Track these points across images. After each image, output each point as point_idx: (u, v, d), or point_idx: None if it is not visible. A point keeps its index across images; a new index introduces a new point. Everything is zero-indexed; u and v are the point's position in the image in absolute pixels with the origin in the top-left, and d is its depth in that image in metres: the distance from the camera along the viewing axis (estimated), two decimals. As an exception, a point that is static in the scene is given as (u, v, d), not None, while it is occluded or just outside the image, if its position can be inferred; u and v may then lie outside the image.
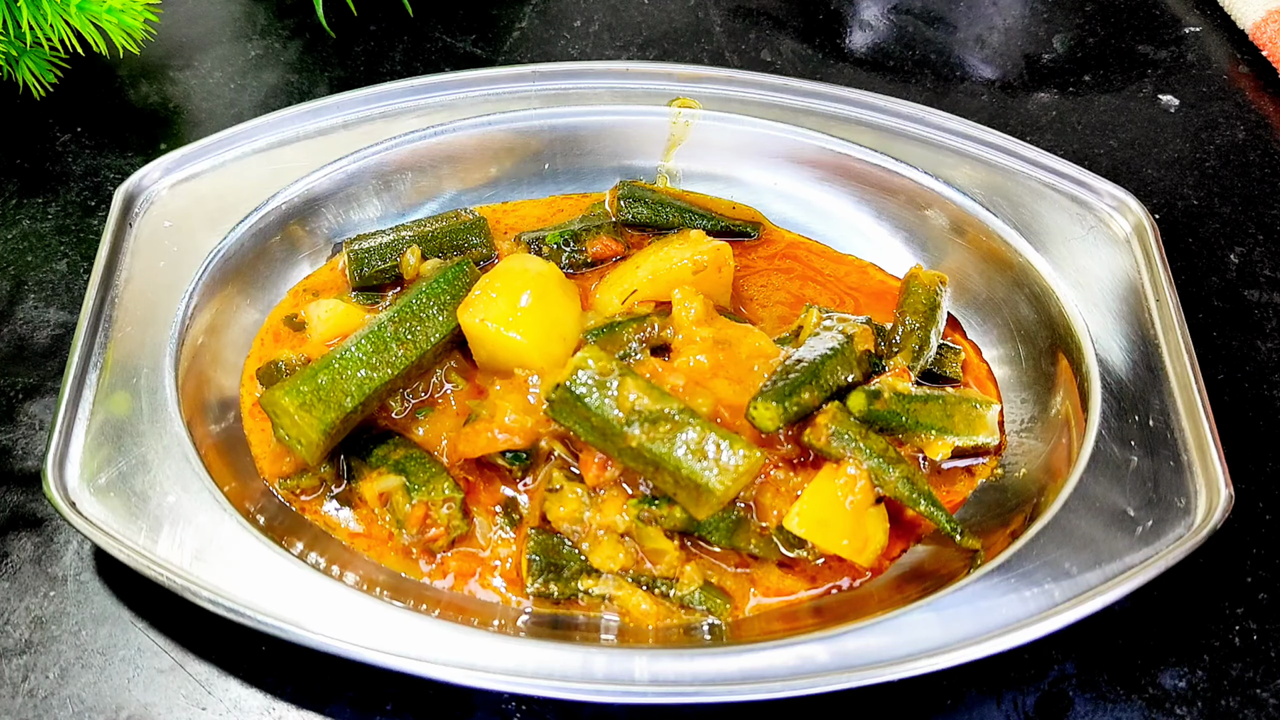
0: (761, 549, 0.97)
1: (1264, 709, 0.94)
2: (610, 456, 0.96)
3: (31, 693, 0.93)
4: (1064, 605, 0.89)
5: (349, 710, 0.92)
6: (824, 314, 1.08)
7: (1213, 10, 1.56)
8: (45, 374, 1.13)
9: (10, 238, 1.25)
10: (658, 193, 1.24)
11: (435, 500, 0.98)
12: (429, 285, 1.07)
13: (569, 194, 1.26)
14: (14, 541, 1.01)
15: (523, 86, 1.27)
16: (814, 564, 0.98)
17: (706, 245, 1.13)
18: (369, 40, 1.49)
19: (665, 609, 0.95)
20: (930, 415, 1.02)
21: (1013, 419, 1.09)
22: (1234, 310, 1.21)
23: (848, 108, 1.25)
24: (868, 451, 0.96)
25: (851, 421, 0.98)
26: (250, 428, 1.06)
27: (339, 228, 1.20)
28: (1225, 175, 1.35)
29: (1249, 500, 1.06)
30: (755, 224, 1.23)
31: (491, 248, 1.19)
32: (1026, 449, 1.06)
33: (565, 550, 0.97)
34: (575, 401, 0.94)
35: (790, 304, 1.17)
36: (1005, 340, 1.14)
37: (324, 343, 1.11)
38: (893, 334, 1.09)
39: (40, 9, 1.28)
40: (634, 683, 0.86)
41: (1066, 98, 1.44)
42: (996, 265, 1.16)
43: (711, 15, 1.54)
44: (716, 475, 0.91)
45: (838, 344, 1.02)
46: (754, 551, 0.97)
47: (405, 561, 0.98)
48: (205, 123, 1.39)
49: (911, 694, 0.93)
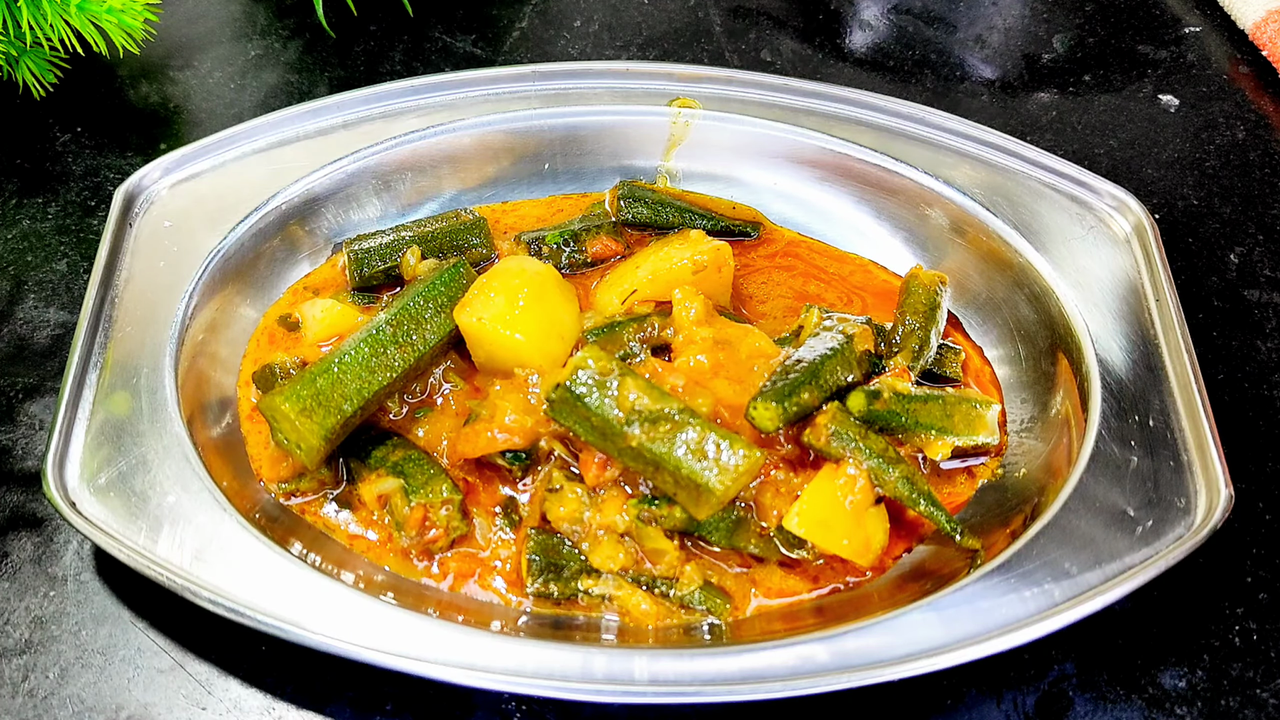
0: (762, 549, 0.97)
1: (1264, 709, 0.94)
2: (610, 457, 0.96)
3: (31, 693, 0.93)
4: (1064, 605, 0.89)
5: (349, 710, 0.92)
6: (824, 314, 1.08)
7: (1213, 10, 1.56)
8: (45, 374, 1.13)
9: (10, 238, 1.25)
10: (658, 193, 1.24)
11: (434, 502, 0.98)
12: (425, 287, 1.07)
13: (569, 194, 1.26)
14: (14, 541, 1.01)
15: (523, 86, 1.27)
16: (815, 564, 0.98)
17: (706, 245, 1.13)
18: (369, 40, 1.49)
19: (665, 609, 0.95)
20: (930, 415, 1.02)
21: (1013, 419, 1.09)
22: (1234, 310, 1.21)
23: (848, 108, 1.25)
24: (867, 451, 0.96)
25: (851, 422, 0.98)
26: (248, 430, 1.06)
27: (339, 228, 1.20)
28: (1225, 175, 1.35)
29: (1249, 500, 1.06)
30: (755, 224, 1.23)
31: (491, 248, 1.19)
32: (1026, 449, 1.06)
33: (565, 550, 0.98)
34: (575, 401, 0.94)
35: (792, 300, 1.17)
36: (1005, 340, 1.14)
37: (318, 343, 1.11)
38: (892, 334, 1.09)
39: (40, 9, 1.28)
40: (634, 683, 0.86)
41: (1066, 98, 1.44)
42: (996, 265, 1.16)
43: (711, 15, 1.54)
44: (716, 475, 0.91)
45: (837, 344, 1.02)
46: (754, 551, 0.97)
47: (404, 563, 0.98)
48: (205, 123, 1.39)
49: (911, 694, 0.93)
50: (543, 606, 0.97)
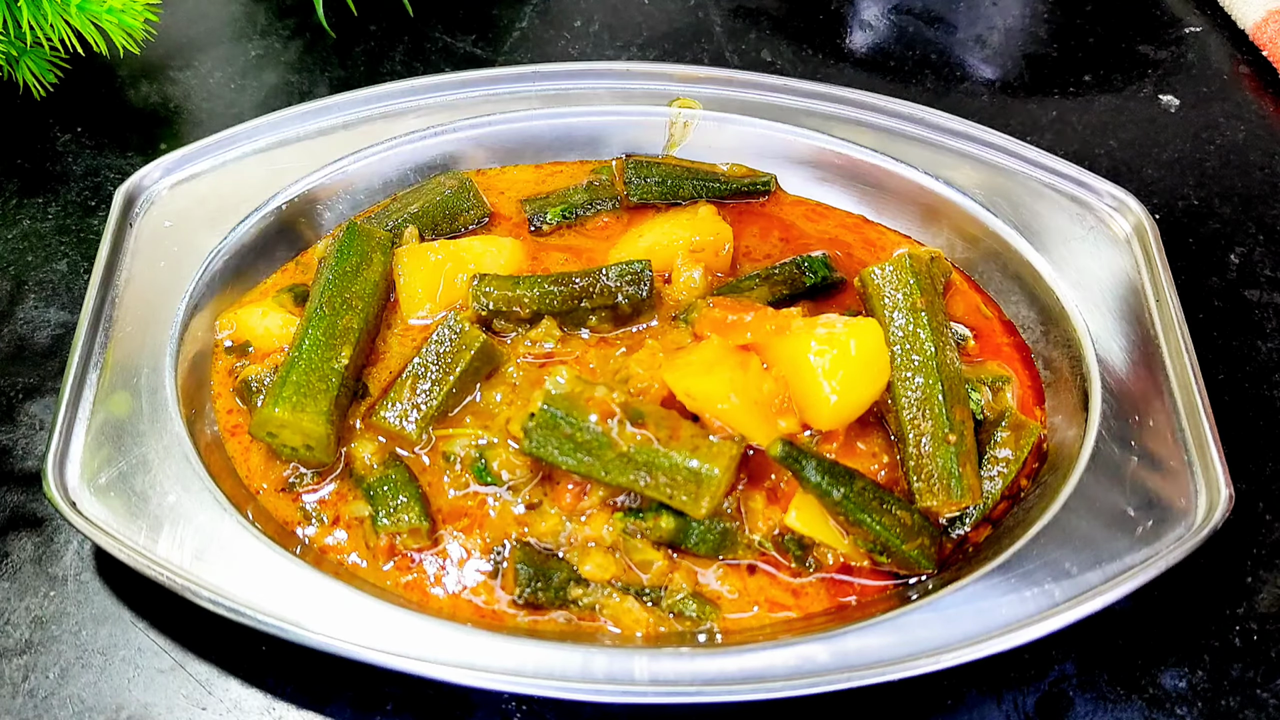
0: (750, 558, 0.97)
1: (1264, 709, 0.94)
2: (592, 479, 0.95)
3: (32, 693, 0.93)
4: (1064, 605, 0.89)
5: (349, 710, 0.92)
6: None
7: (1213, 10, 1.56)
8: (45, 374, 1.13)
9: (10, 238, 1.25)
10: (664, 165, 1.23)
11: (401, 530, 0.97)
12: (336, 260, 1.08)
13: (560, 161, 1.26)
14: (14, 541, 1.01)
15: (523, 86, 1.27)
16: (810, 575, 0.97)
17: (709, 227, 1.14)
18: (369, 40, 1.49)
19: (656, 617, 0.94)
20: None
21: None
22: (1234, 310, 1.21)
23: (848, 108, 1.25)
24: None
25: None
26: (233, 451, 1.03)
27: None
28: (1225, 175, 1.35)
29: (1249, 500, 1.06)
30: (766, 181, 1.23)
31: (484, 209, 1.20)
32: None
33: (553, 561, 0.96)
34: (555, 422, 0.94)
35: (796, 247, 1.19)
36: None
37: (279, 350, 1.08)
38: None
39: (40, 9, 1.28)
40: (634, 683, 0.86)
41: (1066, 98, 1.44)
42: (997, 265, 1.16)
43: (711, 15, 1.54)
44: (710, 462, 0.92)
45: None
46: (740, 558, 0.97)
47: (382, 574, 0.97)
48: (205, 123, 1.39)
49: (911, 694, 0.93)
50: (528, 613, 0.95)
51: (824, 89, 1.25)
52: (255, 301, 1.12)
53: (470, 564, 0.97)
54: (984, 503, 0.99)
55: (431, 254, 1.11)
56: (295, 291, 1.12)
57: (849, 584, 0.96)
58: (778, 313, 1.01)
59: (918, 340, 1.03)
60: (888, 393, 1.02)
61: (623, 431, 0.93)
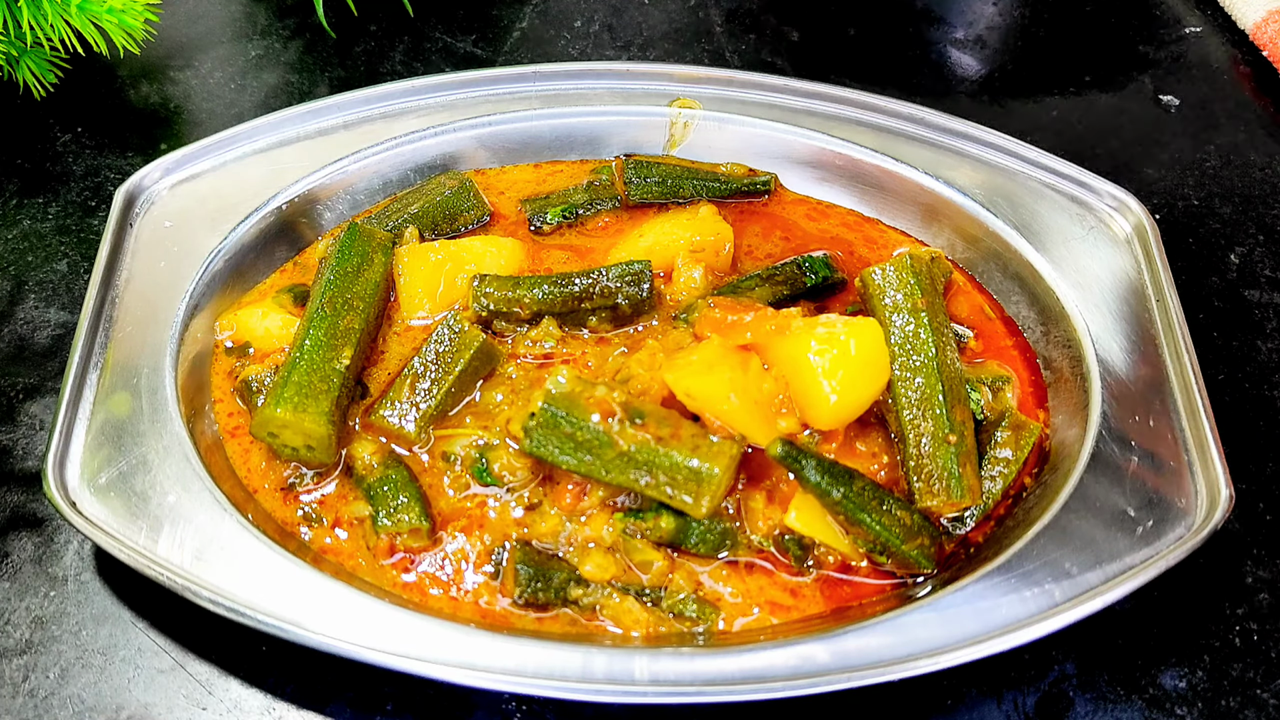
0: (749, 556, 0.97)
1: (1264, 709, 0.94)
2: (593, 477, 0.95)
3: (32, 693, 0.93)
4: (1064, 605, 0.89)
5: (349, 710, 0.92)
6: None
7: (1213, 10, 1.56)
8: (45, 374, 1.13)
9: (10, 238, 1.25)
10: (665, 164, 1.23)
11: (401, 530, 0.97)
12: (336, 260, 1.08)
13: (558, 160, 1.26)
14: (14, 541, 1.01)
15: (523, 86, 1.27)
16: (810, 575, 0.97)
17: (709, 227, 1.14)
18: (369, 40, 1.49)
19: (656, 617, 0.94)
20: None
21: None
22: (1234, 310, 1.21)
23: (848, 108, 1.25)
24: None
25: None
26: (233, 452, 1.03)
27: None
28: (1225, 175, 1.35)
29: (1249, 500, 1.06)
30: (766, 181, 1.23)
31: (484, 208, 1.20)
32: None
33: (553, 561, 0.97)
34: (556, 421, 0.94)
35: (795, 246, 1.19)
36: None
37: (279, 350, 1.08)
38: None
39: (40, 9, 1.28)
40: (634, 683, 0.86)
41: (1066, 98, 1.44)
42: (997, 265, 1.16)
43: (711, 15, 1.54)
44: (710, 462, 0.91)
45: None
46: (740, 558, 0.97)
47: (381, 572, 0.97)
48: (205, 123, 1.39)
49: (911, 694, 0.93)
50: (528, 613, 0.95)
51: (824, 89, 1.25)
52: (255, 302, 1.13)
53: (470, 564, 0.97)
54: (984, 503, 0.99)
55: (432, 254, 1.11)
56: (295, 292, 1.13)
57: (849, 584, 0.96)
58: (778, 313, 1.01)
59: (918, 340, 1.03)
60: (888, 393, 1.02)
61: (623, 431, 0.93)
